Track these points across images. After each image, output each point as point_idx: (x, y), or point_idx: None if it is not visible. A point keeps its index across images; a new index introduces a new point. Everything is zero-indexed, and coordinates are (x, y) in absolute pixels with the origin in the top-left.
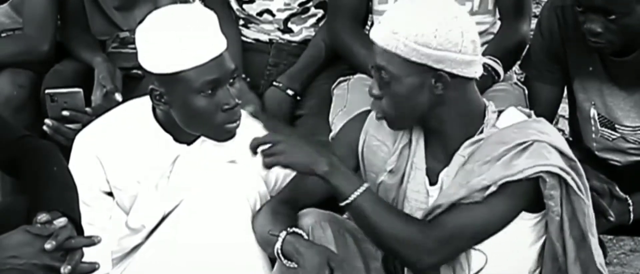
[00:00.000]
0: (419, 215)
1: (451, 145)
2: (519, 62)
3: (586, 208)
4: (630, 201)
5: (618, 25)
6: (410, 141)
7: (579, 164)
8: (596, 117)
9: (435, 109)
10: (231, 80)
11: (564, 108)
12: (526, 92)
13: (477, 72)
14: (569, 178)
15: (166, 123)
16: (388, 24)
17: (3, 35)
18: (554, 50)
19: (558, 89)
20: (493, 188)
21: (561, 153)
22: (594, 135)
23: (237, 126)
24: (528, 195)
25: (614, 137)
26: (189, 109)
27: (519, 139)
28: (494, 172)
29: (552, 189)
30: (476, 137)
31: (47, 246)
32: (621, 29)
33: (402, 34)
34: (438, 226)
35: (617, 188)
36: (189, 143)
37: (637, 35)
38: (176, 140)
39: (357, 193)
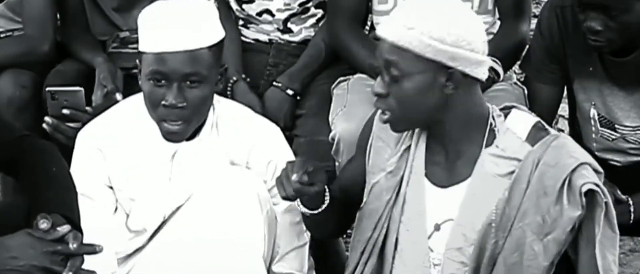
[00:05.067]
0: (415, 215)
1: (453, 149)
2: (518, 62)
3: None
4: (630, 202)
5: (617, 23)
6: (411, 144)
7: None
8: (596, 117)
9: (441, 111)
10: (189, 82)
11: (564, 108)
12: (526, 92)
13: (485, 74)
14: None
15: None
16: (401, 20)
17: (2, 36)
18: (554, 50)
19: (558, 89)
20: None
21: (595, 170)
22: (594, 135)
23: (178, 131)
24: None
25: (614, 137)
26: (143, 91)
27: (568, 165)
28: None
29: None
30: (498, 150)
31: (43, 226)
32: (620, 27)
33: (417, 29)
34: None
35: (619, 191)
36: (186, 140)
37: (637, 32)
38: None
39: None
